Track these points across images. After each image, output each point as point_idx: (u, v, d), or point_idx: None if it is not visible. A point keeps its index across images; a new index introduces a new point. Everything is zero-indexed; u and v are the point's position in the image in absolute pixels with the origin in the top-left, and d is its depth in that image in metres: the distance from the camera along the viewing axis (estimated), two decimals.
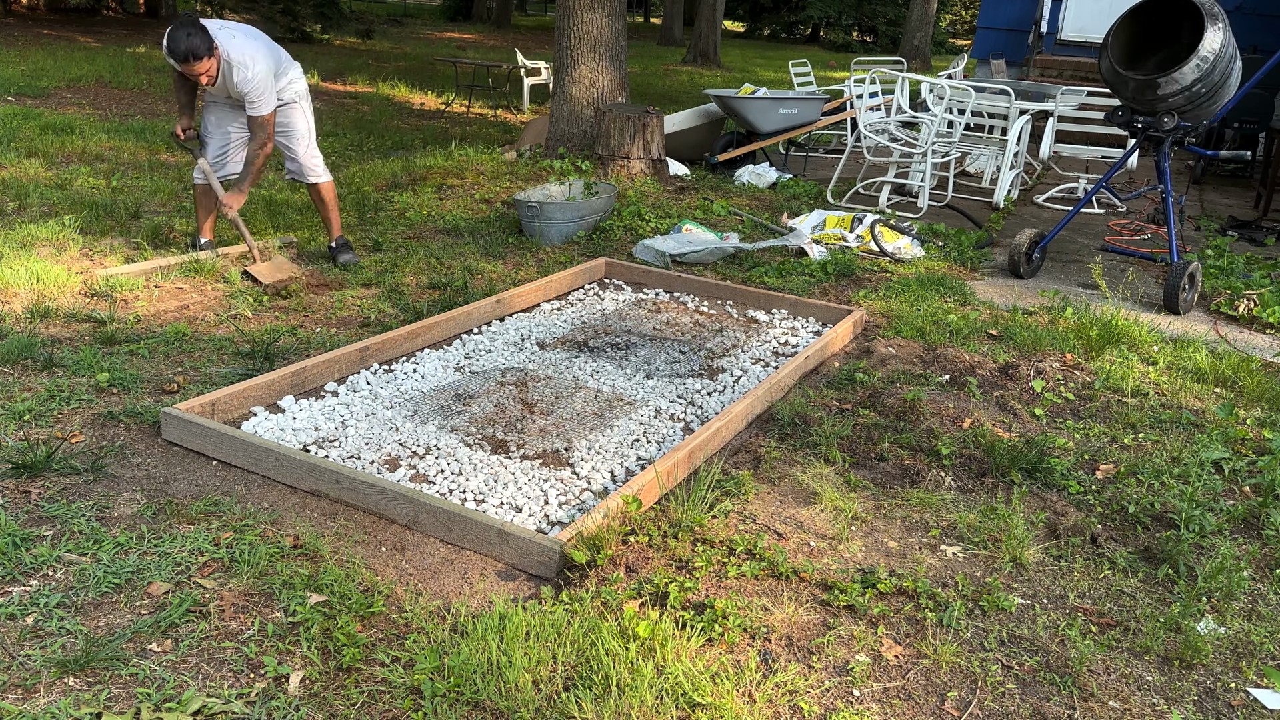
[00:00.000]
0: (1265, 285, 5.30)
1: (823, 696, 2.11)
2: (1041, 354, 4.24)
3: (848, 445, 3.28)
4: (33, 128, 7.81)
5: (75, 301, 4.16)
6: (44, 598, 2.25)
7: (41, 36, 15.67)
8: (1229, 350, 4.44)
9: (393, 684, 2.06)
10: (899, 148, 7.31)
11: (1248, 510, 3.00)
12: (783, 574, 2.50)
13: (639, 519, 2.65)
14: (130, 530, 2.55)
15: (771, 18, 35.55)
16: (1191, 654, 2.30)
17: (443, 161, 7.58)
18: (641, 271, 5.11)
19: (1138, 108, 5.14)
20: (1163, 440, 3.47)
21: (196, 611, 2.25)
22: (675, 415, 3.52)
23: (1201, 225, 7.22)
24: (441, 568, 2.52)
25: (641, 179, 7.20)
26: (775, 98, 8.11)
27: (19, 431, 3.01)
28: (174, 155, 7.43)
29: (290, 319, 4.23)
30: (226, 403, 3.23)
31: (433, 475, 2.98)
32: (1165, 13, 5.09)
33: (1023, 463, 3.15)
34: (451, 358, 3.92)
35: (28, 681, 2.00)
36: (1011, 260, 5.58)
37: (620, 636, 2.17)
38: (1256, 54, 8.92)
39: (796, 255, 5.65)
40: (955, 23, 39.61)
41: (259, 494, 2.79)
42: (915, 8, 24.17)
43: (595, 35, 7.77)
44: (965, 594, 2.49)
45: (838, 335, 4.20)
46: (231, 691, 2.01)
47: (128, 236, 5.16)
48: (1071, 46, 11.67)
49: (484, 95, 12.82)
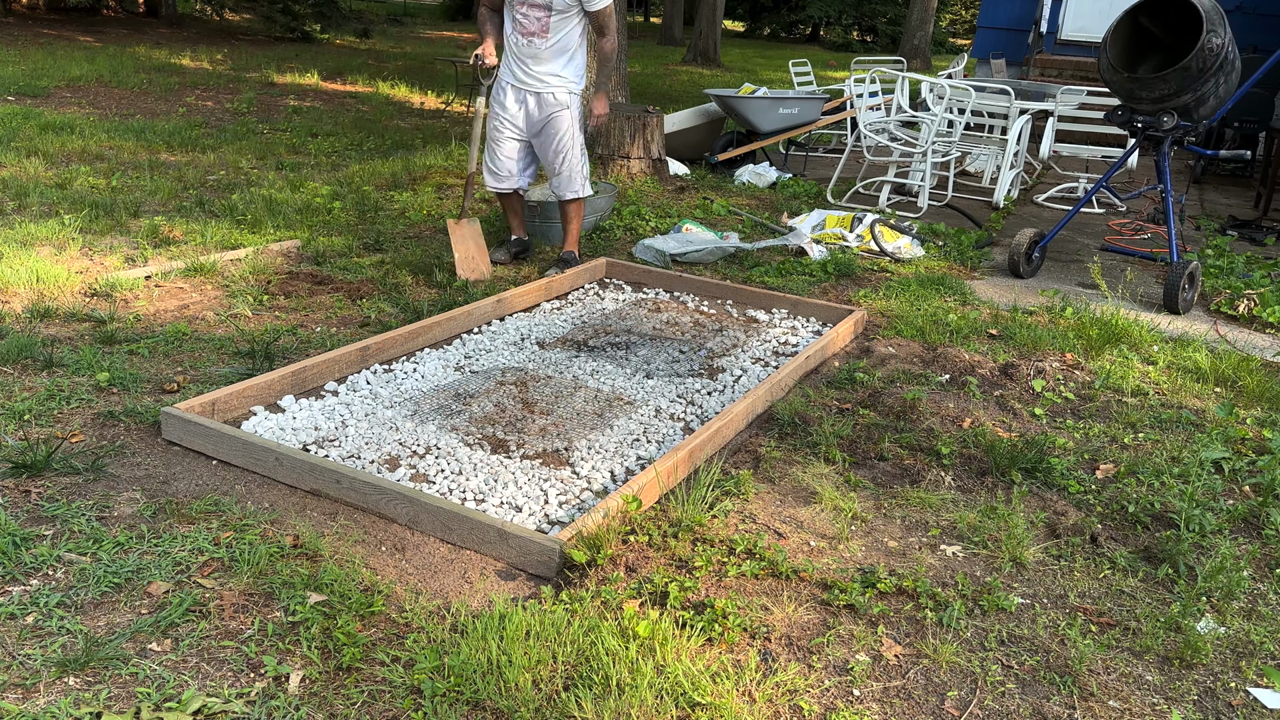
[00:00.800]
0: (1265, 285, 5.30)
1: (823, 696, 2.11)
2: (1041, 354, 4.24)
3: (848, 445, 3.28)
4: (33, 128, 7.81)
5: (75, 301, 4.16)
6: (44, 597, 2.25)
7: (41, 36, 15.66)
8: (1229, 350, 4.44)
9: (393, 683, 2.06)
10: (899, 147, 7.31)
11: (1248, 510, 3.00)
12: (783, 573, 2.50)
13: (639, 518, 2.65)
14: (130, 530, 2.55)
15: (771, 17, 35.54)
16: (1191, 654, 2.30)
17: (443, 161, 7.58)
18: (642, 271, 5.11)
19: (1137, 107, 5.14)
20: (1163, 440, 3.47)
21: (196, 611, 2.25)
22: (675, 415, 3.52)
23: (1201, 225, 7.22)
24: (441, 567, 2.52)
25: (641, 178, 7.20)
26: (775, 97, 8.10)
27: (19, 431, 3.01)
28: (174, 154, 7.44)
29: (290, 318, 4.23)
30: (226, 402, 3.23)
31: (433, 475, 2.98)
32: (1165, 12, 5.09)
33: (1023, 462, 3.15)
34: (451, 357, 3.92)
35: (28, 681, 2.00)
36: (1011, 260, 5.58)
37: (620, 636, 2.17)
38: (1256, 54, 8.91)
39: (796, 255, 5.65)
40: (955, 22, 39.60)
41: (259, 494, 2.79)
42: (915, 7, 24.17)
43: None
44: (965, 594, 2.49)
45: (839, 335, 4.20)
46: (231, 691, 2.01)
47: (128, 236, 5.16)
48: (1071, 46, 11.67)
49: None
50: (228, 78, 12.67)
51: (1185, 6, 4.94)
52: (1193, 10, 4.90)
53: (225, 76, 12.82)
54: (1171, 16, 5.07)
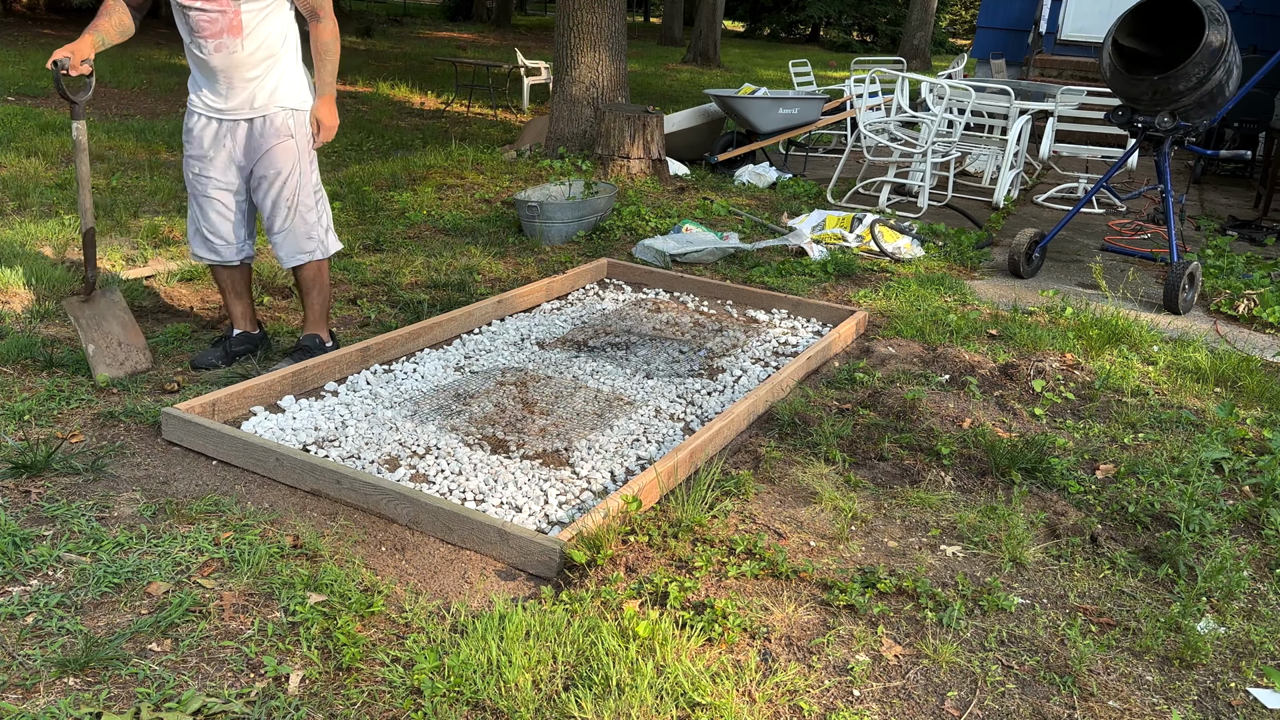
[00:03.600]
0: (1265, 285, 5.30)
1: (823, 696, 2.11)
2: (1041, 354, 4.24)
3: (848, 445, 3.28)
4: (33, 128, 7.81)
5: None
6: (44, 597, 2.25)
7: (41, 36, 15.66)
8: (1229, 350, 4.44)
9: (393, 684, 2.06)
10: (899, 148, 7.31)
11: (1248, 510, 3.00)
12: (783, 574, 2.50)
13: (639, 519, 2.65)
14: (130, 530, 2.55)
15: (771, 17, 35.54)
16: (1191, 654, 2.30)
17: (443, 161, 7.58)
18: (642, 271, 5.11)
19: (1137, 107, 5.14)
20: (1163, 440, 3.47)
21: (196, 611, 2.25)
22: (675, 415, 3.52)
23: (1201, 225, 7.22)
24: (441, 567, 2.52)
25: (641, 179, 7.20)
26: (775, 97, 8.10)
27: (19, 431, 3.01)
28: (174, 154, 7.43)
29: (290, 319, 4.23)
30: (226, 403, 3.23)
31: (433, 475, 2.98)
32: (1165, 12, 5.09)
33: (1023, 462, 3.15)
34: (451, 357, 3.92)
35: (28, 681, 2.00)
36: (1011, 260, 5.58)
37: (620, 636, 2.17)
38: (1256, 54, 8.91)
39: (796, 255, 5.65)
40: (955, 22, 39.60)
41: (259, 494, 2.79)
42: (915, 7, 24.16)
43: (595, 35, 7.77)
44: (965, 594, 2.49)
45: (840, 335, 4.20)
46: (231, 691, 2.01)
47: (128, 237, 5.16)
48: (1071, 46, 11.67)
49: (484, 95, 12.81)
50: None
51: (1186, 6, 4.94)
52: (1193, 10, 4.90)
53: None
54: (1173, 16, 5.07)
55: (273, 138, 3.45)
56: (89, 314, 3.50)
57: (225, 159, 3.47)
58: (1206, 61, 4.76)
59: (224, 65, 3.34)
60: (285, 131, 3.46)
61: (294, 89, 3.48)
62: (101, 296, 3.57)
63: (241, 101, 3.40)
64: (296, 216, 3.55)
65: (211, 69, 3.36)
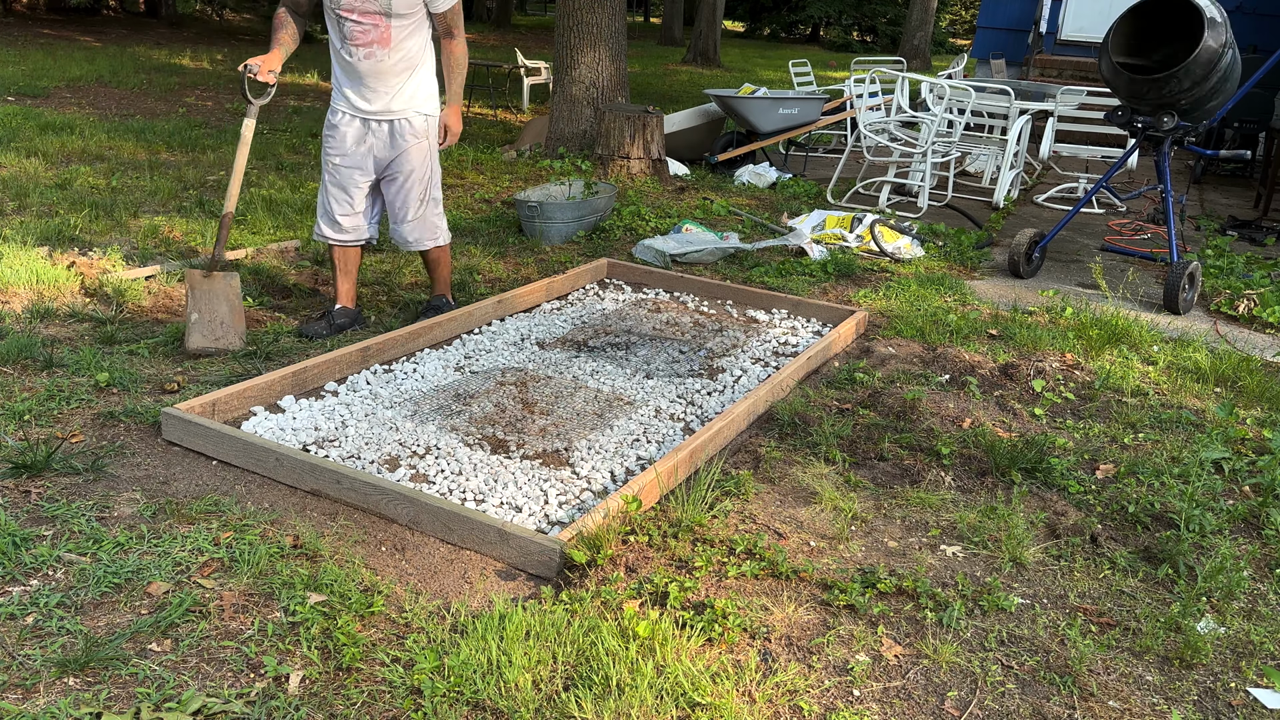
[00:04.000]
0: (1265, 285, 5.30)
1: (823, 696, 2.11)
2: (1041, 354, 4.24)
3: (848, 445, 3.28)
4: (33, 128, 7.81)
5: (75, 301, 4.16)
6: (44, 597, 2.25)
7: (41, 36, 15.67)
8: (1229, 350, 4.44)
9: (393, 684, 2.06)
10: (899, 148, 7.31)
11: (1248, 510, 3.00)
12: (783, 574, 2.50)
13: (639, 519, 2.65)
14: (130, 530, 2.55)
15: (771, 17, 35.55)
16: (1191, 654, 2.30)
17: (442, 161, 7.58)
18: (643, 272, 5.11)
19: (1137, 107, 5.14)
20: (1163, 440, 3.47)
21: (196, 611, 2.25)
22: (675, 415, 3.52)
23: (1201, 225, 7.22)
24: (441, 567, 2.52)
25: (641, 179, 7.20)
26: (775, 97, 8.11)
27: (19, 431, 3.01)
28: (174, 154, 7.44)
29: (290, 319, 4.23)
30: (226, 403, 3.23)
31: (433, 475, 2.98)
32: (1165, 12, 5.09)
33: (1023, 462, 3.15)
34: (451, 357, 3.92)
35: (28, 681, 2.00)
36: (1011, 260, 5.58)
37: (620, 636, 2.17)
38: (1256, 54, 8.91)
39: (796, 255, 5.65)
40: (955, 22, 39.60)
41: (259, 494, 2.79)
42: (915, 7, 24.17)
43: (595, 35, 7.77)
44: (965, 594, 2.49)
45: (840, 335, 4.20)
46: (231, 691, 2.01)
47: (128, 236, 5.16)
48: (1071, 46, 11.67)
49: (484, 95, 12.82)
50: (228, 78, 12.67)
51: (1186, 6, 4.94)
52: (1194, 10, 4.90)
53: (225, 76, 12.82)
54: (1173, 16, 5.07)
55: (410, 138, 3.87)
56: (205, 288, 3.78)
57: (364, 154, 3.88)
58: (1206, 62, 4.76)
59: (370, 71, 3.75)
60: (421, 133, 3.89)
61: (428, 96, 3.91)
62: (222, 278, 3.83)
63: (383, 105, 3.81)
64: (425, 208, 4.01)
65: (359, 73, 3.76)
